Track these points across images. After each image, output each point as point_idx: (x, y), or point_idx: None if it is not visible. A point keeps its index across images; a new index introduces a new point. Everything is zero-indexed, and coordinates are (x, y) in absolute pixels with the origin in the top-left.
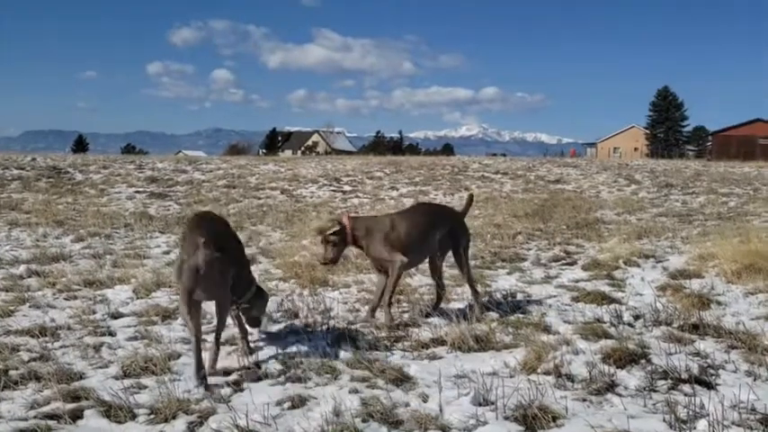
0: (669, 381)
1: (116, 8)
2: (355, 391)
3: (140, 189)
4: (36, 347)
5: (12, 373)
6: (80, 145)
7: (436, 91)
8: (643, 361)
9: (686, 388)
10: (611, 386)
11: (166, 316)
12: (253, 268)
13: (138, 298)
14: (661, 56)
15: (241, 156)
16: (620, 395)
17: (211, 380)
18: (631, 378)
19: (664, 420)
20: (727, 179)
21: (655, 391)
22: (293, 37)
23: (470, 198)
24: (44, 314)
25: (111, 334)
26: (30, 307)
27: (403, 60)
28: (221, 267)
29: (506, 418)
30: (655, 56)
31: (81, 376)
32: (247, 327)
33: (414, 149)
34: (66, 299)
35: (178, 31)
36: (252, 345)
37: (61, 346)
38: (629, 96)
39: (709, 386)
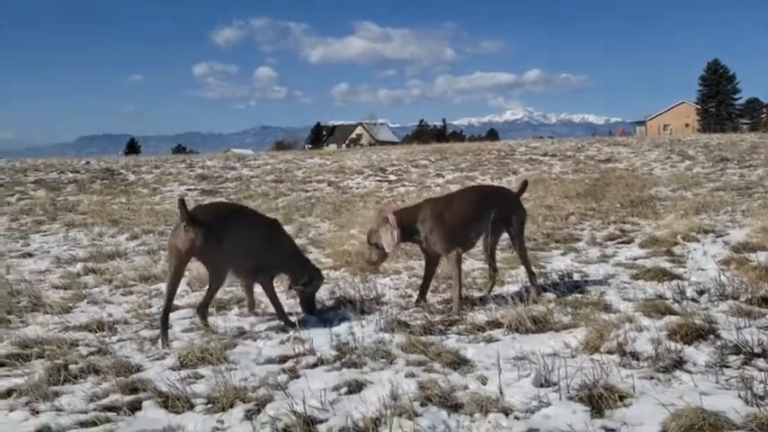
0: (741, 356)
1: (159, 12)
2: (412, 375)
3: (192, 187)
4: (94, 342)
5: (71, 367)
6: (132, 147)
7: (479, 76)
8: (711, 336)
9: (761, 363)
10: (678, 363)
11: (221, 307)
12: None
13: (192, 291)
14: (709, 29)
15: (288, 151)
16: (689, 372)
17: (267, 367)
18: (700, 354)
19: (739, 396)
20: None
21: (726, 366)
22: (333, 31)
23: (524, 184)
24: (101, 310)
25: (169, 327)
26: (87, 303)
27: (444, 48)
28: (206, 248)
29: (570, 399)
30: (702, 29)
31: (138, 368)
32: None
33: (458, 137)
34: (122, 294)
35: (221, 31)
36: (305, 332)
37: (119, 340)
38: (678, 72)
39: None
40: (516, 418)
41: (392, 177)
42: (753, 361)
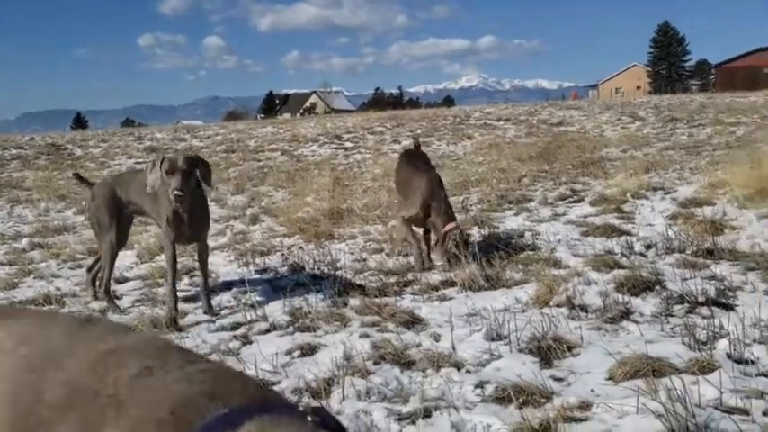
0: (686, 305)
1: None
2: (366, 336)
3: (140, 160)
4: None
5: None
6: (79, 122)
7: (433, 43)
8: (658, 287)
9: (704, 311)
10: (626, 314)
11: None
12: (255, 227)
13: (142, 262)
14: None
15: (239, 121)
16: (636, 322)
17: (219, 335)
18: (646, 305)
19: (683, 343)
20: (734, 109)
21: (672, 315)
22: None
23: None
24: (49, 284)
25: (117, 298)
26: (34, 278)
27: (396, 13)
28: (90, 218)
29: (521, 351)
30: None
31: None
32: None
33: (414, 104)
34: (70, 268)
35: (167, 0)
36: (258, 299)
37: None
38: (629, 34)
39: (728, 307)
40: (468, 371)
41: (348, 144)
42: (696, 309)
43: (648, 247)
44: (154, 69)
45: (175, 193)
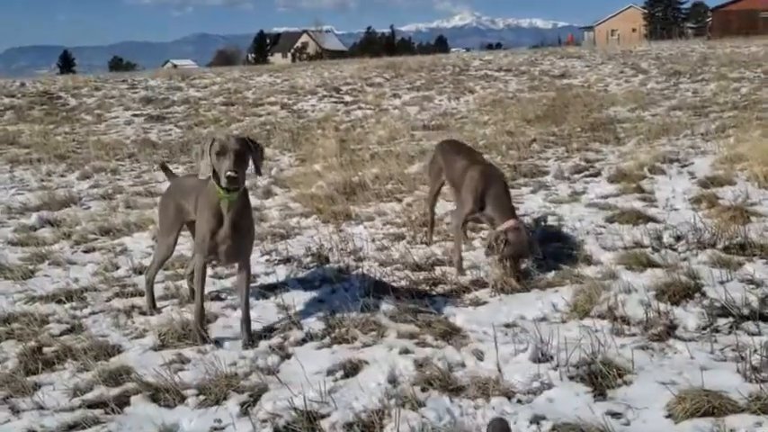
0: (730, 318)
1: None
2: (406, 352)
3: (137, 112)
4: (65, 317)
5: (46, 350)
6: (66, 61)
7: None
8: (697, 295)
9: (751, 326)
10: (670, 329)
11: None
12: (269, 201)
13: None
14: None
15: (233, 66)
16: (682, 339)
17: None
18: (689, 316)
19: (737, 371)
20: (736, 62)
21: (717, 331)
22: None
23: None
24: (65, 273)
25: (140, 294)
26: (49, 265)
27: None
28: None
29: (571, 378)
30: None
31: (118, 350)
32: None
33: (407, 45)
34: (84, 251)
35: None
36: (287, 297)
37: (91, 313)
38: None
39: None
40: (519, 401)
41: (347, 98)
42: (742, 324)
43: (678, 238)
44: (139, 5)
45: (229, 173)
